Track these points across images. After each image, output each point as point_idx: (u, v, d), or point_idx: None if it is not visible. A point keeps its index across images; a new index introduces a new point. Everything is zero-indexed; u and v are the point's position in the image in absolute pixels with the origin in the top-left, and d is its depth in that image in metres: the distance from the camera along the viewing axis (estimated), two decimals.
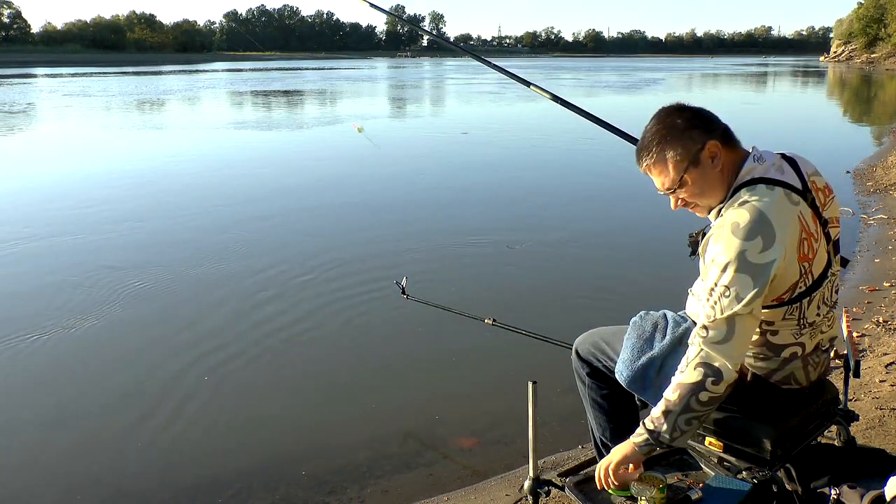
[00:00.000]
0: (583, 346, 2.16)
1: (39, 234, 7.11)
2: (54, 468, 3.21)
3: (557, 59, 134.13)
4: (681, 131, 1.75)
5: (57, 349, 4.41)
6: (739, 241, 1.64)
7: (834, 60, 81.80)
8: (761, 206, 1.66)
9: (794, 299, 1.74)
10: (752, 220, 1.64)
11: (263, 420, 3.62)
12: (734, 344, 1.67)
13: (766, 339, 1.79)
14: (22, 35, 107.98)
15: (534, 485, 2.07)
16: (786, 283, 1.70)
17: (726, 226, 1.67)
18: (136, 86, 36.55)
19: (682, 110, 1.80)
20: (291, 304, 5.18)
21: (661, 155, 1.77)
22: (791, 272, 1.69)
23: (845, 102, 27.77)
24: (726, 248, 1.65)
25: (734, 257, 1.64)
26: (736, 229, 1.65)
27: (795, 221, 1.68)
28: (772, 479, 1.78)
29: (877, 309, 4.71)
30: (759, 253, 1.63)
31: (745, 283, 1.64)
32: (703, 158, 1.74)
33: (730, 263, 1.65)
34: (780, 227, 1.65)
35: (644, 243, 6.78)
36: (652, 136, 1.79)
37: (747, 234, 1.64)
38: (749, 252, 1.63)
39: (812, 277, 1.74)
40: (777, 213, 1.66)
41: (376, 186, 9.66)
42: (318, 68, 67.78)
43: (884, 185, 8.93)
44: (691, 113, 1.78)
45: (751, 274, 1.64)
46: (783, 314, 1.75)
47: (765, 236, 1.64)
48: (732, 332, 1.66)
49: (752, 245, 1.63)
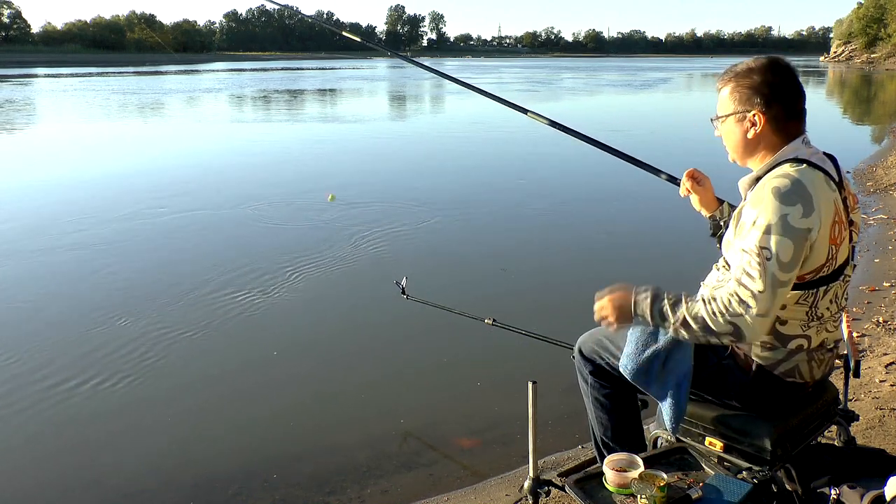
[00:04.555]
0: (586, 344, 2.16)
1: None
2: (54, 469, 3.21)
3: (558, 60, 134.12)
4: (747, 87, 1.81)
5: (57, 349, 4.41)
6: (781, 205, 1.65)
7: (834, 60, 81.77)
8: (802, 178, 1.69)
9: (814, 283, 1.75)
10: (792, 186, 1.67)
11: (263, 420, 3.62)
12: (769, 319, 1.68)
13: (774, 327, 1.79)
14: (22, 35, 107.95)
15: (534, 485, 2.07)
16: (815, 262, 1.72)
17: (767, 190, 1.69)
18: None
19: (767, 71, 1.81)
20: (290, 304, 5.18)
21: (725, 91, 1.86)
22: (821, 251, 1.71)
23: (845, 102, 27.75)
24: (766, 210, 1.66)
25: (777, 220, 1.65)
26: (777, 193, 1.67)
27: (832, 202, 1.72)
28: (772, 479, 1.78)
29: (877, 309, 4.71)
30: (801, 218, 1.65)
31: (787, 248, 1.64)
32: (744, 119, 1.81)
33: (772, 226, 1.65)
34: (818, 200, 1.68)
35: (646, 243, 6.78)
36: (733, 74, 1.85)
37: (789, 199, 1.66)
38: (791, 216, 1.64)
39: (835, 265, 1.75)
40: (817, 188, 1.69)
41: (377, 187, 9.66)
42: (319, 68, 67.74)
43: (884, 185, 8.94)
44: (770, 77, 1.80)
45: (794, 239, 1.64)
46: (797, 298, 1.76)
47: (804, 204, 1.66)
48: (772, 303, 1.65)
49: (794, 210, 1.65)
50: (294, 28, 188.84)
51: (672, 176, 2.40)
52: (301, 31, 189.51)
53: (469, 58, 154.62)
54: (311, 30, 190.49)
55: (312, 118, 20.87)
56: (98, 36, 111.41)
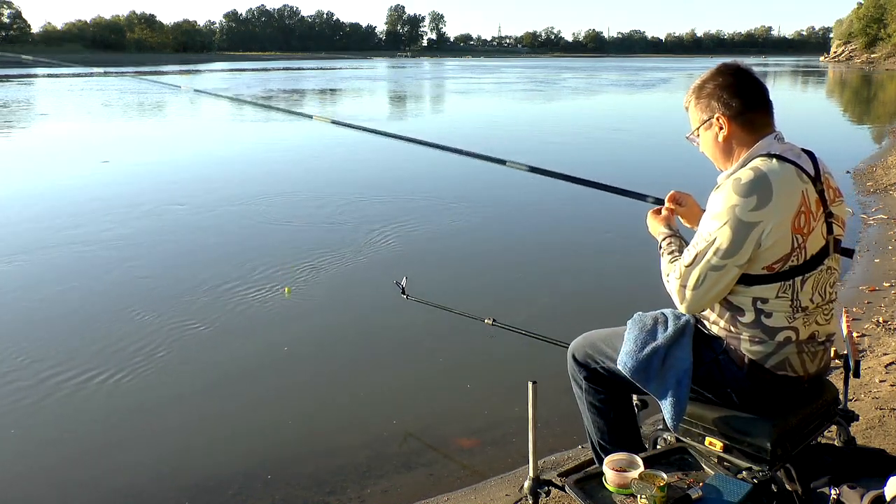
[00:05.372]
0: (579, 350, 2.16)
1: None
2: (54, 469, 3.21)
3: (558, 60, 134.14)
4: (706, 97, 1.91)
5: (58, 348, 4.41)
6: (735, 196, 1.74)
7: (834, 60, 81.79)
8: (767, 170, 1.75)
9: (787, 274, 1.77)
10: (753, 178, 1.74)
11: (263, 420, 3.62)
12: (699, 294, 1.81)
13: (760, 320, 1.81)
14: (22, 35, 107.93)
15: (534, 485, 2.07)
16: (778, 252, 1.75)
17: (729, 181, 1.78)
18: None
19: (718, 75, 1.90)
20: (290, 303, 5.18)
21: (690, 108, 1.97)
22: (783, 241, 1.74)
23: (845, 102, 27.77)
24: (721, 200, 1.76)
25: (725, 209, 1.74)
26: (736, 185, 1.75)
27: (798, 194, 1.76)
28: (772, 479, 1.78)
29: (877, 309, 4.71)
30: (750, 211, 1.72)
31: (726, 237, 1.74)
32: (712, 126, 1.90)
33: (720, 214, 1.75)
34: (779, 192, 1.73)
35: (645, 244, 6.77)
36: (692, 90, 1.96)
37: (745, 191, 1.73)
38: (740, 208, 1.73)
39: (805, 255, 1.78)
40: (781, 180, 1.74)
41: (376, 187, 9.66)
42: (319, 68, 67.76)
43: (884, 185, 8.94)
44: (722, 80, 1.88)
45: (734, 229, 1.73)
46: (777, 291, 1.79)
47: (761, 196, 1.72)
48: (701, 283, 1.79)
49: (745, 202, 1.72)
50: (294, 28, 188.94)
51: (658, 199, 2.44)
52: (301, 31, 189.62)
53: (469, 58, 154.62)
54: (311, 30, 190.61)
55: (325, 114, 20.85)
56: (98, 36, 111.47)
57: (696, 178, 2.26)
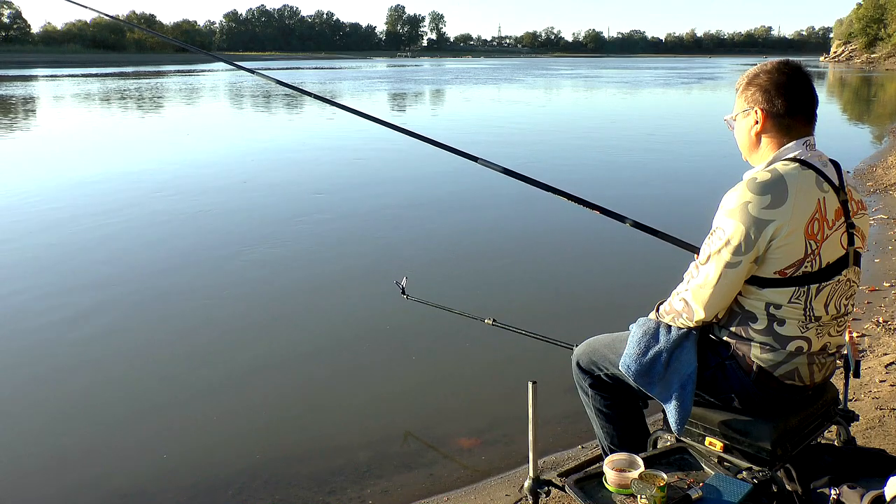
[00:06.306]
0: (583, 357, 2.15)
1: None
2: (54, 469, 3.21)
3: (558, 59, 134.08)
4: (755, 86, 1.88)
5: (57, 349, 4.41)
6: (749, 193, 1.73)
7: (834, 61, 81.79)
8: (785, 173, 1.75)
9: (800, 280, 1.75)
10: (770, 179, 1.73)
11: (263, 420, 3.62)
12: (714, 292, 1.80)
13: (772, 327, 1.80)
14: (22, 35, 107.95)
15: (534, 485, 2.06)
16: (790, 256, 1.73)
17: (747, 180, 1.77)
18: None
19: (774, 70, 1.87)
20: (290, 303, 5.18)
21: (738, 92, 1.94)
22: (796, 245, 1.72)
23: (845, 102, 27.75)
24: (735, 197, 1.75)
25: (738, 206, 1.73)
26: (752, 183, 1.75)
27: (813, 200, 1.74)
28: (772, 479, 1.78)
29: (877, 309, 4.70)
30: (763, 209, 1.71)
31: (740, 233, 1.73)
32: (749, 116, 1.89)
33: (733, 211, 1.74)
34: (794, 196, 1.71)
35: (647, 245, 6.77)
36: (747, 76, 1.94)
37: (760, 190, 1.72)
38: (752, 204, 1.72)
39: (819, 262, 1.75)
40: (798, 184, 1.73)
41: (375, 186, 9.66)
42: (318, 68, 67.73)
43: (884, 185, 8.94)
44: (776, 77, 1.86)
45: (746, 225, 1.72)
46: (789, 296, 1.76)
47: (775, 196, 1.71)
48: (715, 280, 1.78)
49: (759, 199, 1.72)
50: (294, 28, 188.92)
51: (637, 222, 2.45)
52: (301, 31, 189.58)
53: (469, 58, 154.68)
54: (311, 30, 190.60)
55: (320, 116, 20.86)
56: (98, 36, 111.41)
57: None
